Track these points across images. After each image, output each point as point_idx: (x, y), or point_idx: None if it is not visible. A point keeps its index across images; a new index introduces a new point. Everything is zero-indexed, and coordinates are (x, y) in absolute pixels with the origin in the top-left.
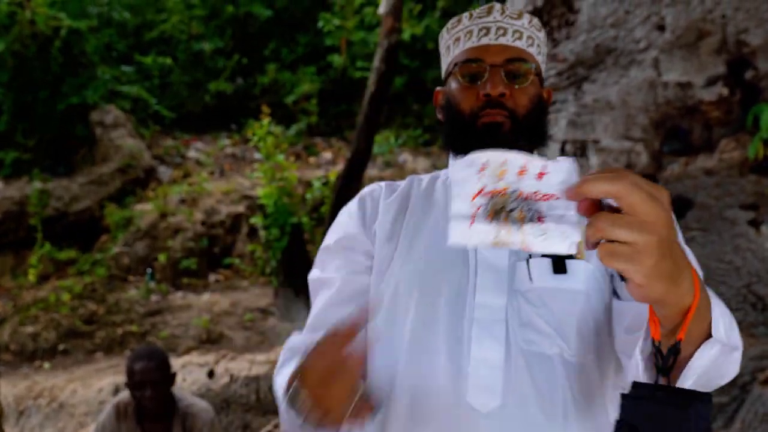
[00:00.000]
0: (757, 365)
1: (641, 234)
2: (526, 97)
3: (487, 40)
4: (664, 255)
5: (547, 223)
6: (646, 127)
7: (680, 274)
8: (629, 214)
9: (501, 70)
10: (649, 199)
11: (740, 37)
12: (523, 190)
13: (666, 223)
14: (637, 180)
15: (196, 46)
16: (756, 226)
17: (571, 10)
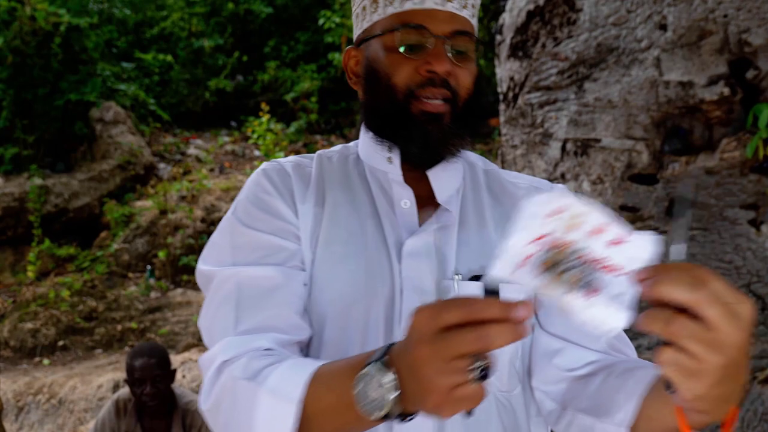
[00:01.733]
0: (756, 364)
1: (712, 354)
2: (469, 78)
3: (433, 4)
4: (725, 379)
5: (599, 297)
6: (647, 126)
7: (731, 397)
8: (707, 328)
9: (448, 43)
10: (729, 316)
11: (742, 37)
12: (589, 253)
13: (741, 346)
14: (719, 290)
15: (197, 44)
16: (756, 225)
17: (573, 8)
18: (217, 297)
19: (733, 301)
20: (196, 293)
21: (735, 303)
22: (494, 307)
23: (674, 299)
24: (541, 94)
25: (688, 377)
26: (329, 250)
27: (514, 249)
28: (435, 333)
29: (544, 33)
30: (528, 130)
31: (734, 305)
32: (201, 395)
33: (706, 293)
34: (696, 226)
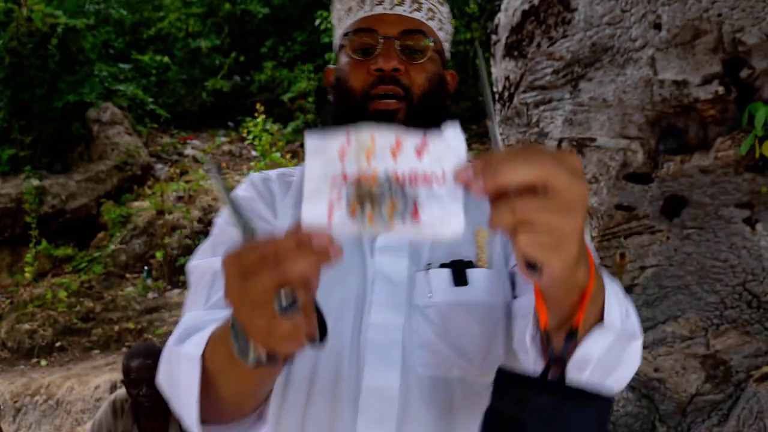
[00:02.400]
0: (751, 363)
1: (569, 218)
2: (423, 75)
3: (381, 9)
4: (582, 236)
5: (423, 216)
6: (642, 125)
7: (582, 253)
8: (553, 196)
9: (396, 42)
10: (572, 176)
11: (736, 36)
12: (398, 173)
13: (586, 199)
14: (554, 156)
15: (194, 44)
16: (751, 224)
17: (568, 8)
18: (194, 284)
19: (566, 160)
20: None
21: (568, 160)
22: (288, 240)
23: (517, 182)
24: (537, 94)
25: (552, 251)
26: None
27: (314, 202)
28: (239, 276)
29: (539, 32)
30: (524, 129)
31: (571, 163)
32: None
33: (547, 163)
34: (691, 225)
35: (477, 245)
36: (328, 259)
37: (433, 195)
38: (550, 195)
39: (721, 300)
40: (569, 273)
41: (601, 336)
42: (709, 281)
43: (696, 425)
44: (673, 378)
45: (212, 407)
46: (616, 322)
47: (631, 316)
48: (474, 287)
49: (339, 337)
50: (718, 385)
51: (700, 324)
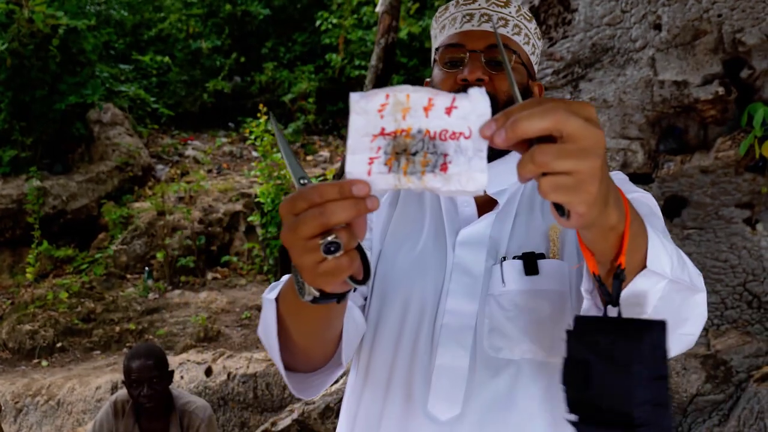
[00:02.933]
0: (752, 363)
1: (586, 161)
2: (507, 83)
3: (470, 26)
4: (604, 178)
5: (451, 169)
6: (642, 125)
7: (612, 194)
8: (569, 142)
9: (481, 55)
10: (586, 123)
11: (736, 37)
12: (430, 129)
13: (603, 144)
14: (567, 106)
15: (194, 45)
16: (751, 224)
17: (568, 9)
18: None
19: (580, 109)
20: (194, 294)
21: (582, 109)
22: (333, 188)
23: (534, 131)
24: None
25: (572, 192)
26: (394, 238)
27: (356, 153)
28: (290, 220)
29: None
30: None
31: (584, 111)
32: None
33: (560, 112)
34: (691, 225)
35: (550, 239)
36: (366, 207)
37: (460, 150)
38: (565, 140)
39: (722, 300)
40: (596, 213)
41: (647, 279)
42: (709, 281)
43: (696, 425)
44: (674, 378)
45: (288, 352)
46: (665, 268)
47: (688, 267)
48: (544, 276)
49: (418, 322)
50: (719, 385)
51: None
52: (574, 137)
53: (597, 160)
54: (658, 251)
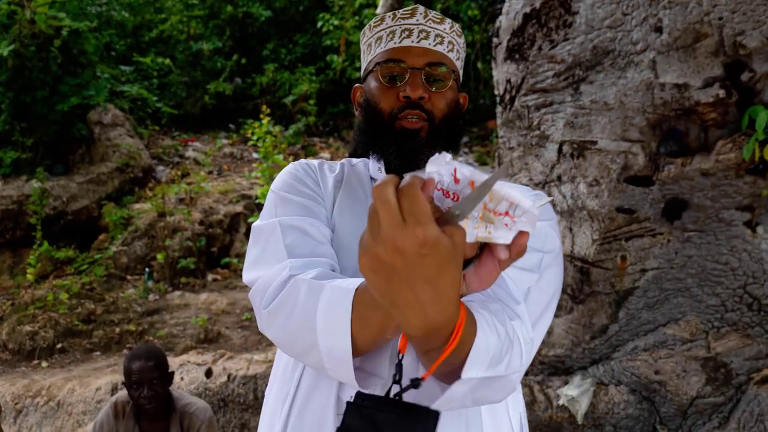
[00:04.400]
0: (752, 365)
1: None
2: (444, 101)
3: (409, 42)
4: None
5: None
6: (643, 128)
7: (433, 326)
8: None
9: (421, 73)
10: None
11: (737, 40)
12: (498, 211)
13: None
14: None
15: (195, 47)
16: (752, 227)
17: (569, 11)
18: (264, 236)
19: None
20: (195, 296)
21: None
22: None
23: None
24: (538, 97)
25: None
26: (342, 217)
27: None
28: None
29: (540, 36)
30: (525, 132)
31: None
32: (263, 301)
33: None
34: (692, 228)
35: None
36: None
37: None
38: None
39: (722, 303)
40: (415, 339)
41: (458, 386)
42: (709, 284)
43: (696, 428)
44: (674, 380)
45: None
46: (479, 374)
47: (509, 357)
48: None
49: None
50: (719, 387)
51: (700, 326)
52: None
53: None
54: (479, 354)
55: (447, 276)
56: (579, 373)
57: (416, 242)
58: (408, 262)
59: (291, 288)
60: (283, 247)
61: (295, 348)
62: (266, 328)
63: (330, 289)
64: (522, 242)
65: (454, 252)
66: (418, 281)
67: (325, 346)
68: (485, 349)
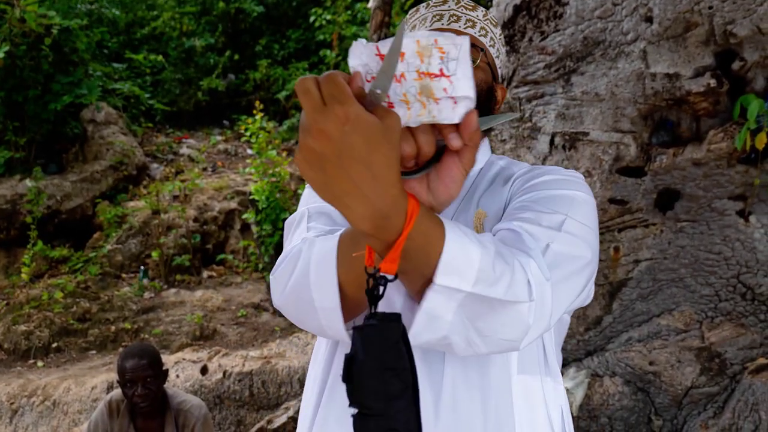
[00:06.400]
0: (746, 355)
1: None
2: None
3: (439, 25)
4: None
5: (443, 98)
6: (634, 118)
7: (364, 186)
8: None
9: None
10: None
11: (727, 29)
12: (424, 70)
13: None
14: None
15: (188, 43)
16: (744, 216)
17: (560, 2)
18: (294, 225)
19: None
20: (190, 293)
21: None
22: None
23: None
24: (529, 89)
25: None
26: None
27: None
28: None
29: (530, 27)
30: (516, 124)
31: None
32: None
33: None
34: (684, 218)
35: (474, 225)
36: None
37: (451, 83)
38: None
39: (716, 292)
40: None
41: (437, 295)
42: (703, 274)
43: (692, 418)
44: (668, 371)
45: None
46: (461, 285)
47: (508, 279)
48: None
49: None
50: (714, 377)
51: (694, 317)
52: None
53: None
54: (455, 262)
55: (378, 155)
56: (573, 365)
57: (338, 121)
58: (335, 144)
59: (295, 251)
60: (306, 228)
61: (298, 311)
62: (275, 298)
63: (320, 241)
64: (471, 121)
65: (384, 130)
66: (350, 162)
67: (317, 300)
68: (465, 259)
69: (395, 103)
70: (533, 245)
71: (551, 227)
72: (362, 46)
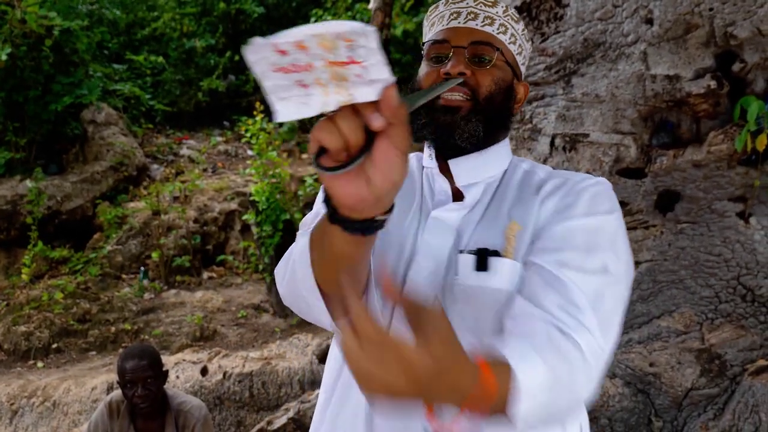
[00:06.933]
0: (746, 356)
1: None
2: (489, 79)
3: (456, 23)
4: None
5: (351, 80)
6: (634, 120)
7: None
8: None
9: (465, 51)
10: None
11: (728, 30)
12: (331, 59)
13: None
14: None
15: (188, 44)
16: (744, 218)
17: (560, 4)
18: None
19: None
20: (190, 294)
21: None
22: None
23: None
24: (529, 90)
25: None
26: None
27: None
28: None
29: (531, 29)
30: (517, 125)
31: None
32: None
33: None
34: (684, 219)
35: (506, 238)
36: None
37: (360, 69)
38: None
39: (716, 294)
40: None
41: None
42: (703, 275)
43: (692, 419)
44: (669, 372)
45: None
46: (531, 410)
47: (568, 380)
48: (493, 274)
49: (383, 298)
50: (714, 379)
51: (694, 318)
52: None
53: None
54: (526, 394)
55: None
56: None
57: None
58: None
59: (293, 247)
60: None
61: (297, 307)
62: (279, 291)
63: (300, 238)
64: (390, 95)
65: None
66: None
67: (306, 297)
68: (531, 384)
69: (310, 85)
70: (580, 300)
71: (596, 272)
72: (257, 44)
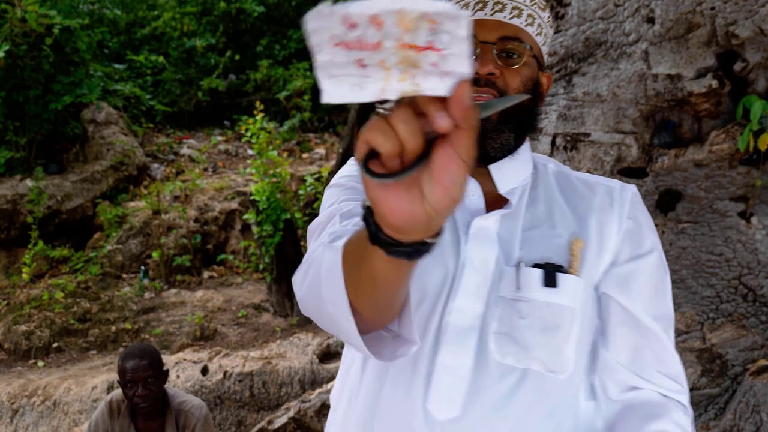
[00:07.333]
0: (748, 356)
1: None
2: (518, 79)
3: (482, 15)
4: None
5: (425, 67)
6: (636, 119)
7: None
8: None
9: (493, 48)
10: None
11: (729, 29)
12: (408, 41)
13: None
14: None
15: (188, 43)
16: (746, 217)
17: (561, 3)
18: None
19: None
20: (190, 293)
21: None
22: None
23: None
24: None
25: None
26: None
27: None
28: None
29: None
30: None
31: None
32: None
33: None
34: (686, 219)
35: (571, 253)
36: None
37: (436, 55)
38: None
39: (717, 294)
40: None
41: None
42: (704, 275)
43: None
44: None
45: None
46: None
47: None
48: (562, 291)
49: (427, 315)
50: (715, 378)
51: (695, 318)
52: None
53: None
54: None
55: None
56: None
57: None
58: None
59: (310, 257)
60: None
61: (321, 319)
62: (297, 297)
63: (328, 251)
64: (463, 93)
65: None
66: None
67: (334, 315)
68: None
69: (371, 66)
70: (681, 378)
71: (669, 315)
72: (327, 11)
